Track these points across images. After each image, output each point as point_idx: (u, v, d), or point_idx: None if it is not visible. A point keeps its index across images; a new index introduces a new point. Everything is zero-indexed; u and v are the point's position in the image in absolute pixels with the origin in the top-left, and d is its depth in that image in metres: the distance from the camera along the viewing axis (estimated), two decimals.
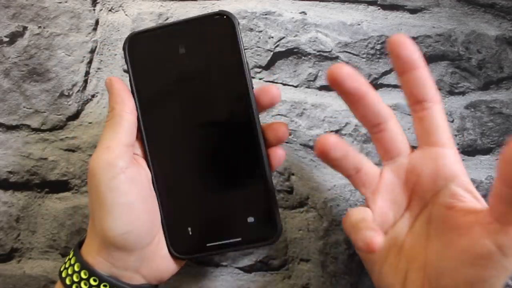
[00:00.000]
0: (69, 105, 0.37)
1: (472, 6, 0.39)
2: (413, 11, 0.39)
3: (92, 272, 0.25)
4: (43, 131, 0.36)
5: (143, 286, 0.28)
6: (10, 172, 0.36)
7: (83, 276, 0.25)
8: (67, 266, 0.27)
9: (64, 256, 0.35)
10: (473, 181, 0.37)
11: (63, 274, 0.26)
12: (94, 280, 0.25)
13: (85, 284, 0.25)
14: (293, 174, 0.36)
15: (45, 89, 0.37)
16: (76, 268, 0.26)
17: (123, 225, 0.25)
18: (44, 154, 0.36)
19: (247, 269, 0.35)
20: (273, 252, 0.35)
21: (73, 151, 0.36)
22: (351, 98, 0.26)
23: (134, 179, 0.27)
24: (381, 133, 0.27)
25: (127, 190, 0.26)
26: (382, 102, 0.27)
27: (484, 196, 0.37)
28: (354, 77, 0.26)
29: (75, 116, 0.37)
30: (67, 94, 0.37)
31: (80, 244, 0.28)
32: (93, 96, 0.37)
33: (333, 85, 0.26)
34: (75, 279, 0.26)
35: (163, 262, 0.29)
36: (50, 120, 0.37)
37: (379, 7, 0.39)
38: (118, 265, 0.26)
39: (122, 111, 0.27)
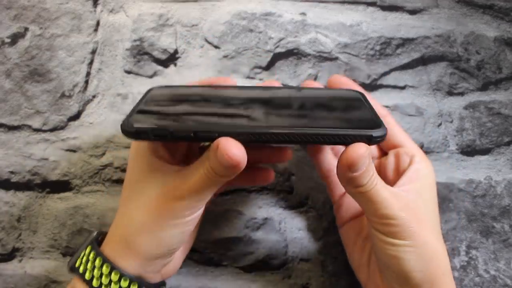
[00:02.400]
0: (70, 105, 0.37)
1: (471, 7, 0.40)
2: (412, 12, 0.39)
3: (123, 274, 0.25)
4: (44, 131, 0.37)
5: (160, 283, 0.29)
6: (11, 172, 0.36)
7: (113, 278, 0.25)
8: (89, 267, 0.26)
9: (65, 255, 0.35)
10: (472, 181, 0.37)
11: (87, 276, 0.26)
12: (125, 281, 0.26)
13: (116, 284, 0.25)
14: (293, 175, 0.37)
15: (46, 90, 0.37)
16: (104, 271, 0.26)
17: (174, 243, 0.26)
18: (45, 154, 0.36)
19: (248, 269, 0.36)
20: (273, 251, 0.36)
21: (74, 151, 0.37)
22: None
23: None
24: None
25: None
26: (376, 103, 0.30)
27: (483, 196, 0.37)
28: (343, 80, 0.30)
29: (76, 116, 0.37)
30: (68, 94, 0.37)
31: (98, 240, 0.28)
32: (94, 96, 0.37)
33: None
34: (103, 281, 0.25)
35: (177, 260, 0.30)
36: (51, 121, 0.37)
37: (378, 8, 0.39)
38: (148, 270, 0.26)
39: None
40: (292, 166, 0.37)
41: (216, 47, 0.38)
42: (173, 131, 0.23)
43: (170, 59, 0.38)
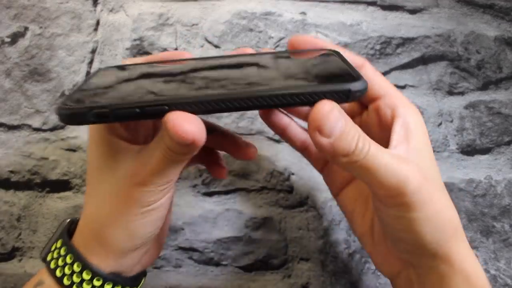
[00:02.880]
0: None
1: (471, 7, 0.40)
2: (413, 11, 0.39)
3: (95, 273, 0.24)
4: (44, 131, 0.37)
5: (140, 274, 0.27)
6: (11, 172, 0.36)
7: (85, 277, 0.24)
8: (60, 263, 0.24)
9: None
10: (472, 180, 0.37)
11: (57, 273, 0.24)
12: (98, 280, 0.24)
13: (88, 284, 0.24)
14: (293, 174, 0.37)
15: (46, 89, 0.37)
16: (76, 268, 0.24)
17: (147, 233, 0.24)
18: (45, 154, 0.36)
19: (247, 268, 0.36)
20: (273, 251, 0.36)
21: (74, 150, 0.37)
22: None
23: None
24: None
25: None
26: None
27: (483, 196, 0.37)
28: (309, 40, 0.26)
29: None
30: (68, 94, 0.37)
31: (69, 231, 0.26)
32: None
33: None
34: (75, 279, 0.24)
35: (156, 246, 0.28)
36: (51, 120, 0.37)
37: (378, 8, 0.39)
38: (124, 264, 0.25)
39: None
40: (292, 165, 0.37)
41: (216, 46, 0.38)
42: (115, 109, 0.19)
43: None
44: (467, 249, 0.24)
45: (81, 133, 0.37)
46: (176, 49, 0.38)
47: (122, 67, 0.25)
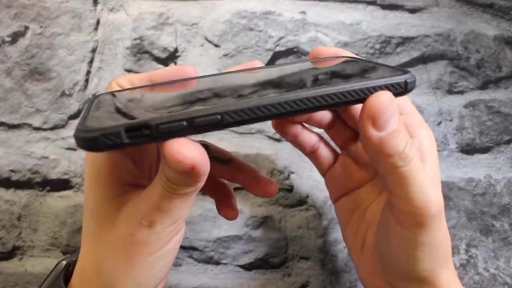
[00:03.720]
0: (71, 104, 0.37)
1: (471, 6, 0.40)
2: (412, 10, 0.39)
3: None
4: (45, 130, 0.37)
5: None
6: (12, 171, 0.36)
7: None
8: None
9: (65, 254, 0.35)
10: (472, 179, 0.37)
11: None
12: None
13: None
14: (293, 173, 0.37)
15: (47, 88, 0.37)
16: None
17: (156, 280, 0.21)
18: (46, 153, 0.36)
19: (247, 267, 0.36)
20: (273, 250, 0.36)
21: (74, 149, 0.37)
22: None
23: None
24: None
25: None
26: None
27: (483, 194, 0.37)
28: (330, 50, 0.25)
29: (76, 115, 0.37)
30: (68, 93, 0.37)
31: (66, 275, 0.23)
32: (94, 95, 0.37)
33: None
34: None
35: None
36: (51, 119, 0.37)
37: (378, 7, 0.39)
38: None
39: None
40: (292, 164, 0.37)
41: (216, 45, 0.38)
42: (158, 124, 0.16)
43: (170, 57, 0.38)
44: (454, 277, 0.23)
45: None
46: (176, 48, 0.38)
47: (113, 94, 0.22)
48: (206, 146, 0.26)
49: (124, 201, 0.20)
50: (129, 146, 0.16)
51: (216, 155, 0.26)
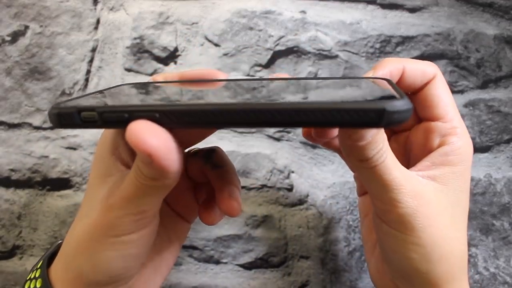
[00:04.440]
0: None
1: (471, 5, 0.40)
2: (412, 10, 0.39)
3: None
4: (45, 129, 0.37)
5: None
6: (12, 170, 0.36)
7: None
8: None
9: None
10: (472, 179, 0.37)
11: None
12: None
13: None
14: (293, 172, 0.37)
15: (47, 88, 0.37)
16: None
17: (112, 268, 0.21)
18: (46, 152, 0.36)
19: (247, 266, 0.36)
20: (273, 249, 0.36)
21: (74, 149, 0.37)
22: None
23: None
24: None
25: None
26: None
27: (483, 194, 0.37)
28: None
29: None
30: (68, 92, 0.37)
31: (51, 257, 0.23)
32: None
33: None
34: None
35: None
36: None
37: (378, 6, 0.39)
38: None
39: None
40: (292, 163, 0.37)
41: (216, 45, 0.38)
42: (102, 112, 0.17)
43: (170, 57, 0.38)
44: None
45: (81, 132, 0.37)
46: (176, 48, 0.38)
47: (146, 84, 0.23)
48: (213, 151, 0.25)
49: (110, 179, 0.20)
50: (82, 128, 0.17)
51: (215, 161, 0.25)
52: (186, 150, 0.26)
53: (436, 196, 0.22)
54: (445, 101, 0.23)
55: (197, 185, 0.26)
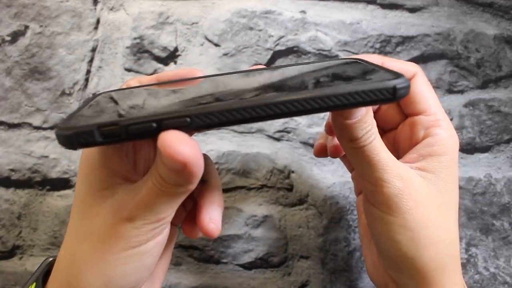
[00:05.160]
0: (71, 103, 0.37)
1: (471, 5, 0.40)
2: (412, 10, 0.39)
3: None
4: (45, 129, 0.37)
5: None
6: (11, 170, 0.36)
7: None
8: None
9: None
10: (472, 179, 0.37)
11: None
12: None
13: None
14: (292, 172, 0.37)
15: (47, 88, 0.37)
16: None
17: (126, 283, 0.20)
18: (46, 152, 0.36)
19: (247, 266, 0.36)
20: (273, 249, 0.36)
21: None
22: None
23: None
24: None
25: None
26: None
27: (483, 194, 0.37)
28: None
29: None
30: (68, 92, 0.37)
31: (47, 272, 0.23)
32: (94, 94, 0.37)
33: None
34: None
35: None
36: (51, 118, 0.37)
37: (378, 6, 0.39)
38: None
39: None
40: (292, 163, 0.37)
41: (216, 45, 0.38)
42: (127, 124, 0.16)
43: (170, 57, 0.38)
44: (457, 285, 0.23)
45: None
46: (176, 47, 0.38)
47: (112, 92, 0.22)
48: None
49: (112, 193, 0.20)
50: (103, 144, 0.16)
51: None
52: None
53: (423, 183, 0.22)
54: (427, 97, 0.24)
55: None
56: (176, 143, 0.16)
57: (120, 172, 0.20)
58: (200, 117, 0.16)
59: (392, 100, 0.17)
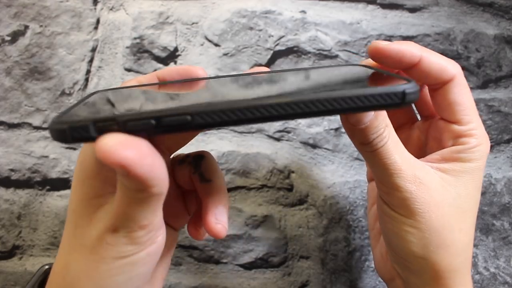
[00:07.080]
0: (70, 103, 0.37)
1: (471, 5, 0.40)
2: (412, 10, 0.39)
3: None
4: (45, 129, 0.37)
5: None
6: (11, 170, 0.36)
7: None
8: None
9: None
10: None
11: None
12: None
13: None
14: (293, 172, 0.37)
15: (47, 88, 0.37)
16: None
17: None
18: (46, 152, 0.36)
19: (247, 266, 0.36)
20: (273, 249, 0.36)
21: (74, 149, 0.37)
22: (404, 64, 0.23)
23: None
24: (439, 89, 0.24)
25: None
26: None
27: (483, 194, 0.37)
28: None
29: None
30: (68, 92, 0.37)
31: (43, 281, 0.23)
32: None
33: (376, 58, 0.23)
34: None
35: None
36: (51, 118, 0.37)
37: (378, 6, 0.39)
38: None
39: None
40: (292, 163, 0.37)
41: (216, 45, 0.38)
42: (125, 120, 0.15)
43: (170, 56, 0.38)
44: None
45: None
46: (176, 47, 0.38)
47: (112, 90, 0.22)
48: (201, 157, 0.24)
49: (103, 203, 0.19)
50: (95, 140, 0.16)
51: (203, 172, 0.24)
52: (173, 156, 0.25)
53: (442, 186, 0.22)
54: (461, 106, 0.23)
55: (187, 193, 0.26)
56: (111, 146, 0.14)
57: (112, 179, 0.20)
58: (202, 115, 0.16)
59: (401, 105, 0.17)
